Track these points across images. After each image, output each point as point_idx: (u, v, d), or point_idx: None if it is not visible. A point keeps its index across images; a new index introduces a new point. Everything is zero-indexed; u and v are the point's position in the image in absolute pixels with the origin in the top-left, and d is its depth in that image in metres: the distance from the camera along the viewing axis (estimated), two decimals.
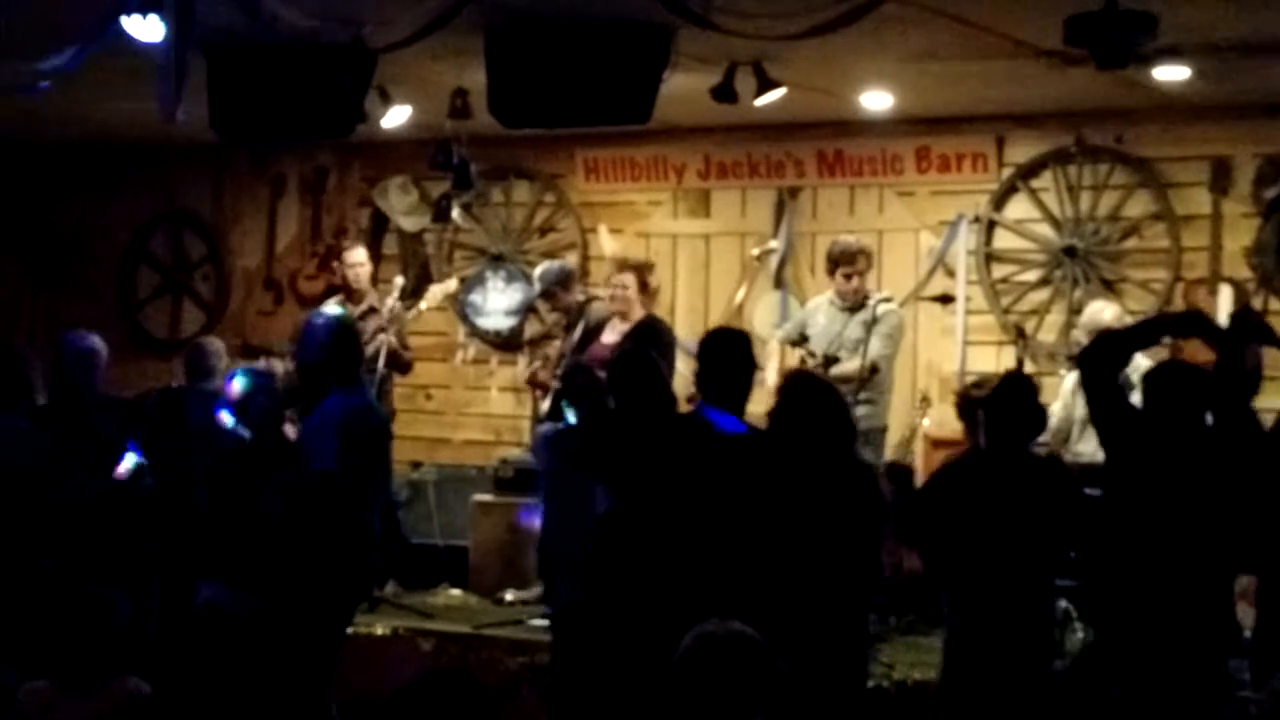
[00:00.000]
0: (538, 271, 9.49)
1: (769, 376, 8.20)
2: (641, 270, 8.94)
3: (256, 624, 6.49)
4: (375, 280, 10.28)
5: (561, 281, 9.28)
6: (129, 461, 7.62)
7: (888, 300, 8.67)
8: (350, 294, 9.78)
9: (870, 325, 8.45)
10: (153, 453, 7.77)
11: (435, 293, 9.90)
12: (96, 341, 8.18)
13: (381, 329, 9.35)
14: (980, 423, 6.54)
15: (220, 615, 6.65)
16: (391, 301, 9.65)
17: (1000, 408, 6.35)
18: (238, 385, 7.41)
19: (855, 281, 8.63)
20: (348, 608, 6.99)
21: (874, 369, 8.37)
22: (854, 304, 8.64)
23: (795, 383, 6.51)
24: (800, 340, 8.80)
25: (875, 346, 8.43)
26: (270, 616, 6.54)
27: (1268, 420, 6.27)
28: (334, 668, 6.69)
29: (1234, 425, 6.08)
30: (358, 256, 9.93)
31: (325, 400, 6.94)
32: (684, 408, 7.22)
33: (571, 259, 10.51)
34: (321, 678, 6.56)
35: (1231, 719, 5.90)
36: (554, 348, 9.57)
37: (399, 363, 9.61)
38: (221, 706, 4.57)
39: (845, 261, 8.66)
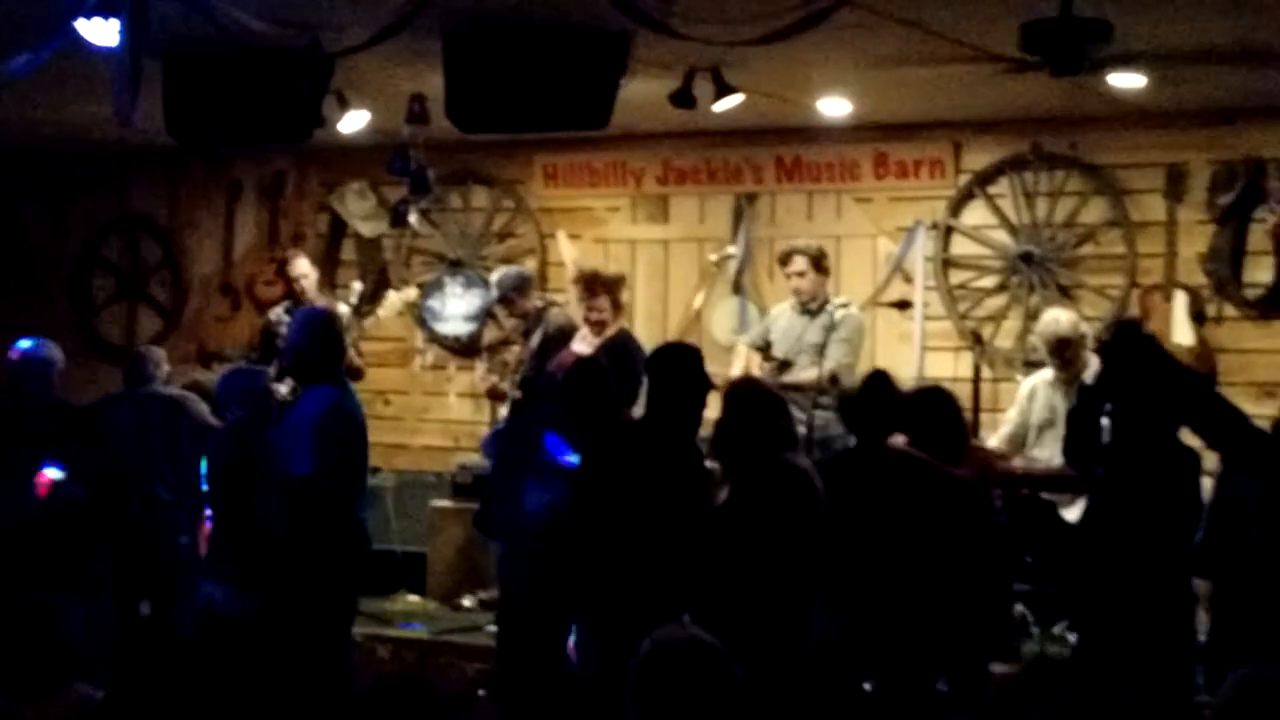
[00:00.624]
0: (495, 277, 9.47)
1: None
2: (614, 289, 8.95)
3: (254, 623, 6.52)
4: (333, 286, 10.24)
5: (518, 287, 9.26)
6: (48, 475, 7.63)
7: (846, 305, 8.71)
8: (300, 303, 9.70)
9: (830, 331, 8.48)
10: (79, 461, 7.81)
11: (394, 301, 9.88)
12: (51, 350, 8.14)
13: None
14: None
15: (218, 614, 6.69)
16: (345, 309, 9.62)
17: (858, 407, 6.55)
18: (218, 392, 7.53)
19: (795, 281, 8.72)
20: (346, 604, 7.04)
21: (834, 378, 8.36)
22: (812, 308, 8.67)
23: (735, 390, 6.57)
24: (764, 345, 8.82)
25: (835, 353, 8.46)
26: (269, 615, 6.58)
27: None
28: (347, 663, 6.77)
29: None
30: (302, 267, 9.87)
31: (304, 395, 6.99)
32: None
33: (530, 264, 10.50)
34: (335, 671, 6.62)
35: None
36: (512, 354, 9.55)
37: (350, 370, 9.57)
38: (189, 711, 4.50)
39: (783, 262, 8.85)
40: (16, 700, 4.83)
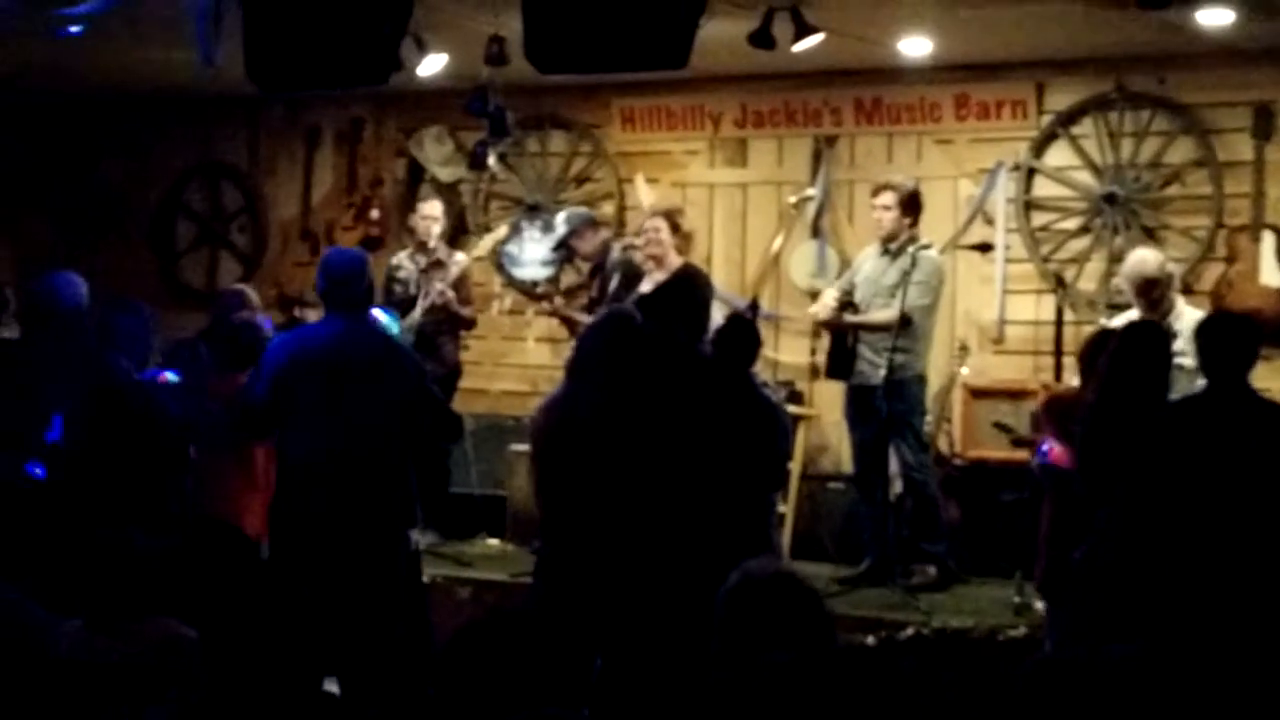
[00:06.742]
0: (558, 218, 9.58)
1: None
2: (671, 214, 8.92)
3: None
4: (410, 231, 10.25)
5: (575, 231, 9.38)
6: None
7: (926, 248, 8.60)
8: (421, 246, 9.74)
9: (906, 273, 8.39)
10: None
11: (486, 241, 9.95)
12: None
13: (457, 283, 9.40)
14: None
15: None
16: (461, 257, 9.65)
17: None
18: None
19: (878, 213, 8.64)
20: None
21: (905, 319, 8.30)
22: (892, 249, 8.58)
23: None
24: (849, 290, 8.75)
25: (910, 295, 8.37)
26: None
27: None
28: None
29: None
30: (433, 210, 9.84)
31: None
32: None
33: (608, 209, 10.51)
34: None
35: None
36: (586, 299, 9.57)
37: (460, 320, 9.61)
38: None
39: (874, 194, 8.75)
40: (97, 632, 4.82)
